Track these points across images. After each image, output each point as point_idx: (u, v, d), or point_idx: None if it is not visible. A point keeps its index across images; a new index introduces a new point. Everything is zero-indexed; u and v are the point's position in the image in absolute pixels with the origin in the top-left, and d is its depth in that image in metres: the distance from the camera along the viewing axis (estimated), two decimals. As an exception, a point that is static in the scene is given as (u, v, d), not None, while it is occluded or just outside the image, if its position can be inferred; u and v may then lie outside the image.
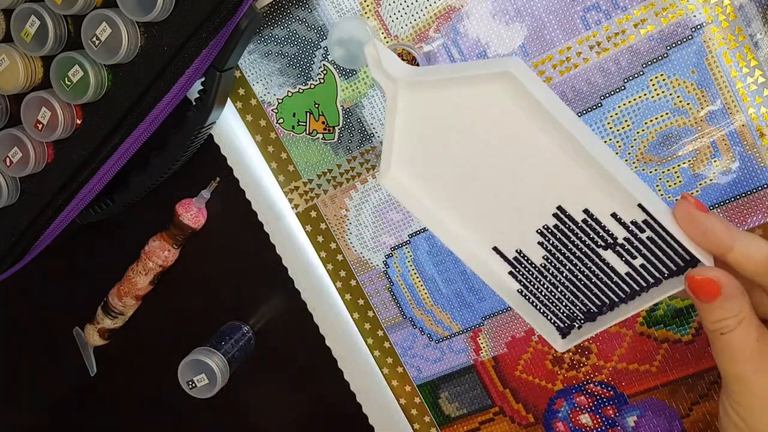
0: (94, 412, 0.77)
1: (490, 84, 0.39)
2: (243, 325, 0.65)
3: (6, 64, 0.55)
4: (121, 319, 0.68)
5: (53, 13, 0.53)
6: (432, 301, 0.60)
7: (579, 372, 0.58)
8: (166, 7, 0.51)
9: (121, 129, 0.56)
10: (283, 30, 0.56)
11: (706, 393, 0.56)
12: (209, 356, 0.60)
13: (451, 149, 0.42)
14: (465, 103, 0.41)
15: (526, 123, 0.39)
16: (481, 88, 0.40)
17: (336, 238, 0.61)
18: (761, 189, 0.51)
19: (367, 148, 0.57)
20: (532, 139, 0.39)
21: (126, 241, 0.65)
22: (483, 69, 0.39)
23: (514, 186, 0.41)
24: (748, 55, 0.49)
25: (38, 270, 0.71)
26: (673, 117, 0.51)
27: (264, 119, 0.59)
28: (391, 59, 0.42)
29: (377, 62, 0.42)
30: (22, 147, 0.57)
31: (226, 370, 0.61)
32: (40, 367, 0.77)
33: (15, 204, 0.60)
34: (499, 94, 0.39)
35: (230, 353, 0.62)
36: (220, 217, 0.63)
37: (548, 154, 0.39)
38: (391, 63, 0.42)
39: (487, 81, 0.39)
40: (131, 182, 0.60)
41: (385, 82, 0.43)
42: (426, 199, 0.44)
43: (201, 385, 0.61)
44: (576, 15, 0.50)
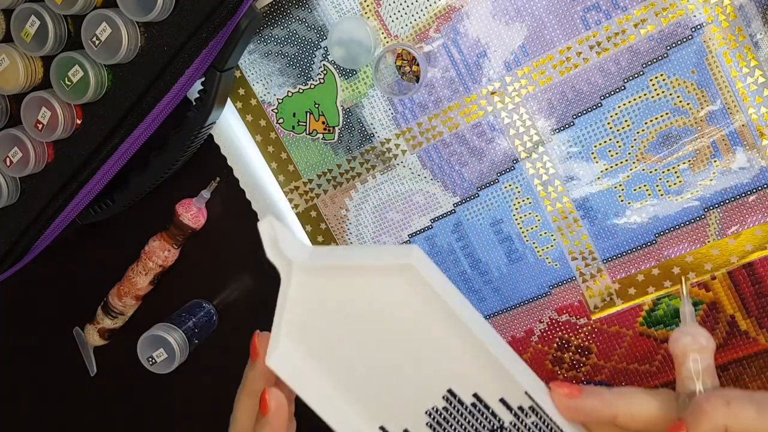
0: (94, 412, 0.77)
1: (390, 275, 0.39)
2: (205, 302, 0.66)
3: (6, 64, 0.55)
4: (121, 319, 0.68)
5: (53, 13, 0.53)
6: (432, 301, 0.60)
7: (579, 372, 0.58)
8: (166, 7, 0.51)
9: (121, 129, 0.56)
10: (283, 30, 0.56)
11: (706, 393, 0.56)
12: (168, 332, 0.61)
13: (346, 331, 0.41)
14: (362, 290, 0.40)
15: (423, 312, 0.39)
16: (379, 278, 0.39)
17: (336, 238, 0.61)
18: (761, 189, 0.51)
19: (367, 148, 0.57)
20: (429, 327, 0.39)
21: (126, 241, 0.65)
22: (383, 260, 0.39)
23: (406, 368, 0.41)
24: (748, 55, 0.49)
25: (38, 270, 0.71)
26: (673, 117, 0.51)
27: (264, 119, 0.59)
28: (288, 239, 0.41)
29: (273, 241, 0.41)
30: (22, 147, 0.57)
31: (186, 346, 0.62)
32: (40, 367, 0.77)
33: (15, 204, 0.60)
34: (398, 284, 0.39)
35: (191, 329, 0.63)
36: (220, 217, 0.63)
37: (443, 342, 0.40)
38: (287, 243, 0.41)
39: (386, 272, 0.39)
40: (131, 182, 0.60)
41: (280, 262, 0.42)
42: (317, 378, 0.42)
43: (160, 360, 0.61)
44: (576, 15, 0.50)
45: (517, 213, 0.56)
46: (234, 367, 0.69)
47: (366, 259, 0.40)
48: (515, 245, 0.57)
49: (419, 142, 0.56)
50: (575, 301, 0.56)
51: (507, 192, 0.56)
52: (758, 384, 0.54)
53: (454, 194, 0.57)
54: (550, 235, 0.56)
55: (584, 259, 0.55)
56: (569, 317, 0.57)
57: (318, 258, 0.41)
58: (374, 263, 0.39)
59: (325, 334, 0.42)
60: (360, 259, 0.40)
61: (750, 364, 0.54)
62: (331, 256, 0.41)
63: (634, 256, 0.54)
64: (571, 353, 0.58)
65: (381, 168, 0.58)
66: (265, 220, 0.42)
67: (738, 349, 0.54)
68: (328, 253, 0.41)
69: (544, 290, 0.57)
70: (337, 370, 0.42)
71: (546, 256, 0.56)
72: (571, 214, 0.55)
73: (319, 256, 0.41)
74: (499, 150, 0.55)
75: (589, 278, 0.56)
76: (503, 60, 0.52)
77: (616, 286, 0.55)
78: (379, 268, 0.39)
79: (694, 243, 0.53)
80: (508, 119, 0.54)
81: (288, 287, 0.43)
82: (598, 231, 0.54)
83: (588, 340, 0.57)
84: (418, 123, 0.56)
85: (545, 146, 0.54)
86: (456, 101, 0.54)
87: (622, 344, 0.57)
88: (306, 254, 0.42)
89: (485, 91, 0.54)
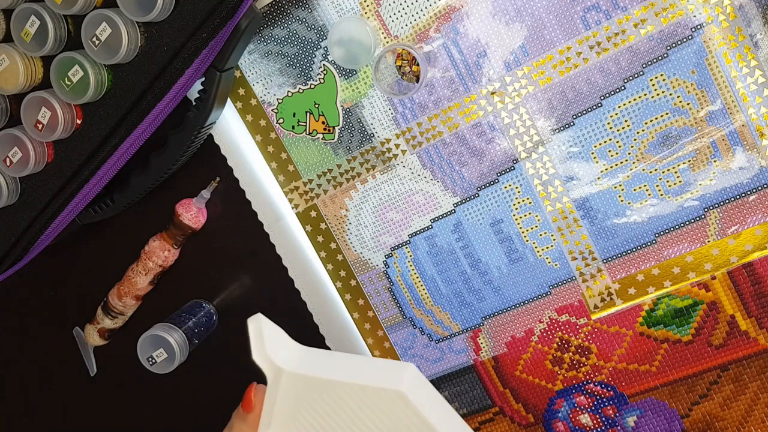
0: (94, 412, 0.77)
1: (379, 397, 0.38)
2: (205, 302, 0.66)
3: (6, 64, 0.55)
4: (121, 319, 0.68)
5: (53, 13, 0.53)
6: (432, 301, 0.60)
7: (579, 372, 0.58)
8: (166, 7, 0.51)
9: (121, 129, 0.56)
10: (283, 30, 0.56)
11: (706, 393, 0.56)
12: (168, 332, 0.61)
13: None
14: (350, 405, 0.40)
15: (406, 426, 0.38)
16: (369, 396, 0.38)
17: (336, 238, 0.61)
18: (761, 189, 0.51)
19: (367, 148, 0.57)
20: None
21: (126, 241, 0.65)
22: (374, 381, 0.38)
23: None
24: (748, 55, 0.49)
25: (38, 270, 0.71)
26: (673, 117, 0.51)
27: (264, 119, 0.59)
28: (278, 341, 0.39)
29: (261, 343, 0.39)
30: (22, 147, 0.57)
31: (186, 346, 0.62)
32: (40, 367, 0.77)
33: (15, 204, 0.60)
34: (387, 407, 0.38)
35: (191, 329, 0.63)
36: (220, 217, 0.63)
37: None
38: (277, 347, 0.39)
39: (376, 393, 0.38)
40: (131, 182, 0.60)
41: (268, 367, 0.40)
42: None
43: (160, 360, 0.61)
44: (576, 15, 0.50)
45: (517, 213, 0.56)
46: (233, 368, 0.69)
47: (357, 376, 0.39)
48: (515, 245, 0.57)
49: (419, 142, 0.56)
50: (575, 301, 0.56)
51: (507, 192, 0.56)
52: (758, 384, 0.54)
53: (454, 194, 0.57)
54: (550, 235, 0.56)
55: (584, 259, 0.55)
56: (569, 317, 0.57)
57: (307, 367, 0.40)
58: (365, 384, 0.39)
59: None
60: (351, 375, 0.39)
61: (750, 364, 0.54)
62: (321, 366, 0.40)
63: (634, 256, 0.54)
64: (571, 353, 0.58)
65: (381, 168, 0.58)
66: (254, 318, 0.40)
67: (738, 349, 0.54)
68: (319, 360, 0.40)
69: (544, 290, 0.57)
70: None
71: (546, 256, 0.56)
72: (571, 214, 0.55)
73: (309, 363, 0.40)
74: (499, 150, 0.55)
75: (589, 278, 0.56)
76: (503, 60, 0.52)
77: (616, 286, 0.55)
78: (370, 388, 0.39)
79: (694, 243, 0.53)
80: (508, 119, 0.54)
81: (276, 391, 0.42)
82: (598, 231, 0.54)
83: (588, 340, 0.57)
84: (418, 123, 0.56)
85: (545, 146, 0.54)
86: (456, 101, 0.54)
87: (622, 344, 0.57)
88: (296, 359, 0.40)
89: (485, 91, 0.54)
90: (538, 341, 0.58)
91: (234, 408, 0.67)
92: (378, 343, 0.62)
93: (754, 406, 0.55)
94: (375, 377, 0.38)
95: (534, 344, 0.59)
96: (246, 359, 0.69)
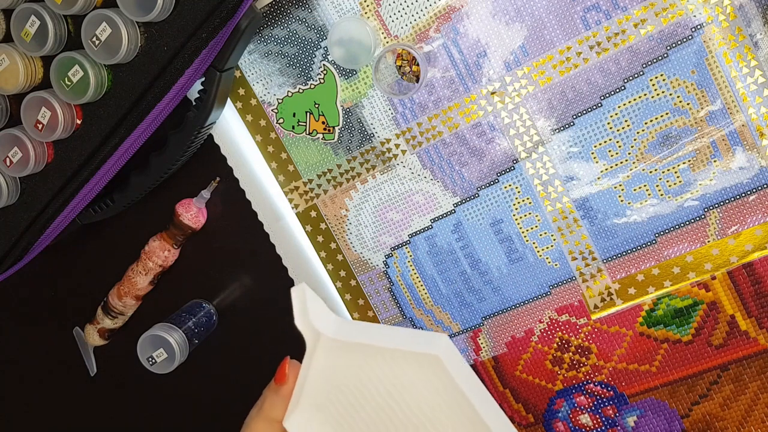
0: (94, 412, 0.77)
1: (414, 362, 0.40)
2: (205, 302, 0.66)
3: (6, 64, 0.55)
4: (121, 319, 0.68)
5: (53, 13, 0.53)
6: (432, 301, 0.60)
7: (579, 372, 0.58)
8: (166, 7, 0.51)
9: (121, 129, 0.56)
10: (283, 30, 0.56)
11: (706, 393, 0.56)
12: (168, 332, 0.61)
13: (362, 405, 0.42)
14: (384, 372, 0.41)
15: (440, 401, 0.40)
16: (404, 363, 0.40)
17: (336, 238, 0.61)
18: (761, 189, 0.51)
19: (367, 148, 0.57)
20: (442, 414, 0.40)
21: (126, 241, 0.65)
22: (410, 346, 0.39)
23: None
24: (748, 55, 0.49)
25: (38, 270, 0.71)
26: (673, 117, 0.51)
27: (264, 119, 0.59)
28: (319, 310, 0.41)
29: (303, 310, 0.41)
30: (22, 147, 0.57)
31: (186, 346, 0.62)
32: (40, 367, 0.77)
33: (15, 204, 0.60)
34: (421, 372, 0.40)
35: (191, 329, 0.63)
36: (220, 217, 0.63)
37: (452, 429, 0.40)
38: (318, 315, 0.41)
39: (411, 358, 0.40)
40: (131, 182, 0.60)
41: (308, 332, 0.42)
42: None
43: (160, 360, 0.61)
44: (576, 15, 0.50)
45: (517, 213, 0.56)
46: (234, 367, 0.69)
47: (393, 342, 0.40)
48: (515, 245, 0.57)
49: (419, 142, 0.56)
50: (575, 301, 0.56)
51: (507, 192, 0.56)
52: (758, 384, 0.54)
53: (454, 194, 0.57)
54: (550, 235, 0.56)
55: (584, 259, 0.55)
56: (569, 317, 0.57)
57: (345, 333, 0.42)
58: (401, 348, 0.40)
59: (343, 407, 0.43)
60: (387, 341, 0.40)
61: (750, 364, 0.54)
62: (359, 333, 0.41)
63: (634, 256, 0.54)
64: (571, 353, 0.58)
65: (381, 168, 0.58)
66: (299, 286, 0.42)
67: (738, 349, 0.54)
68: (356, 329, 0.42)
69: (544, 290, 0.57)
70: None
71: (546, 256, 0.56)
72: (571, 214, 0.55)
73: (346, 331, 0.42)
74: (499, 150, 0.55)
75: (589, 278, 0.56)
76: (503, 60, 0.52)
77: (616, 286, 0.55)
78: (405, 353, 0.40)
79: (694, 243, 0.53)
80: (508, 119, 0.54)
81: (312, 357, 0.43)
82: (598, 231, 0.54)
83: (588, 340, 0.57)
84: (418, 123, 0.56)
85: (545, 146, 0.54)
86: (456, 101, 0.54)
87: (622, 344, 0.57)
88: (334, 327, 0.42)
89: (485, 91, 0.54)
90: (538, 341, 0.58)
91: (234, 407, 0.67)
92: (378, 343, 0.62)
93: (754, 406, 0.55)
94: (411, 343, 0.39)
95: (534, 344, 0.59)
96: (245, 358, 0.69)
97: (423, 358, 0.40)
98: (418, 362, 0.40)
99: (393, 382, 0.41)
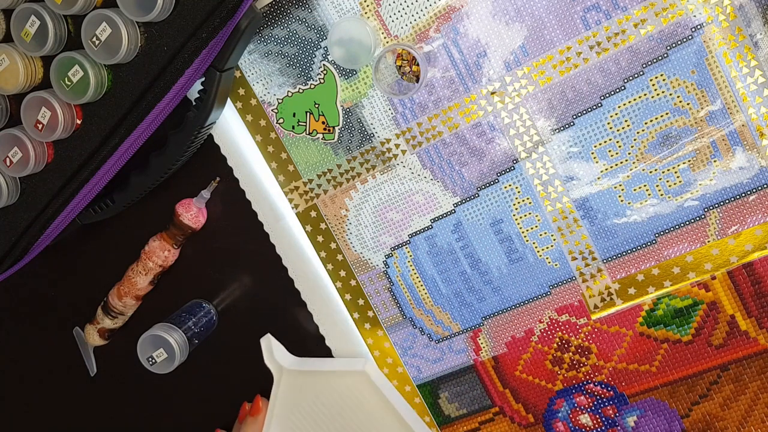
0: (94, 412, 0.77)
1: (349, 378, 0.59)
2: (205, 302, 0.66)
3: (6, 64, 0.55)
4: (121, 319, 0.68)
5: (53, 13, 0.53)
6: (432, 301, 0.60)
7: (579, 372, 0.58)
8: (166, 7, 0.51)
9: (121, 129, 0.56)
10: (283, 30, 0.56)
11: (706, 393, 0.56)
12: (168, 332, 0.61)
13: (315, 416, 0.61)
14: (329, 387, 0.60)
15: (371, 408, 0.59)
16: (343, 380, 0.59)
17: (336, 238, 0.61)
18: (761, 189, 0.51)
19: (367, 148, 0.57)
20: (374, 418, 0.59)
21: (126, 241, 0.65)
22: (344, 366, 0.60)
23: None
24: (748, 55, 0.49)
25: (38, 270, 0.71)
26: (673, 117, 0.51)
27: (264, 119, 0.59)
28: (281, 352, 0.62)
29: (270, 351, 0.62)
30: (22, 147, 0.57)
31: (186, 346, 0.62)
32: (40, 367, 0.77)
33: (15, 204, 0.60)
34: (354, 386, 0.59)
35: (191, 329, 0.63)
36: (220, 217, 0.63)
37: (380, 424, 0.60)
38: (280, 355, 0.62)
39: (348, 376, 0.59)
40: (131, 182, 0.60)
41: (274, 367, 0.62)
42: None
43: (160, 360, 0.61)
44: (576, 15, 0.50)
45: (517, 213, 0.56)
46: (234, 367, 0.69)
47: (334, 366, 0.60)
48: (515, 245, 0.57)
49: (419, 142, 0.56)
50: (575, 301, 0.56)
51: (507, 192, 0.56)
52: (758, 384, 0.54)
53: (454, 194, 0.57)
54: (550, 235, 0.56)
55: (584, 259, 0.55)
56: (569, 317, 0.57)
57: (301, 365, 0.61)
58: (337, 369, 0.60)
59: (303, 421, 0.62)
60: (330, 366, 0.60)
61: (750, 364, 0.54)
62: (310, 363, 0.61)
63: (634, 256, 0.54)
64: (571, 353, 0.58)
65: (381, 168, 0.58)
66: (265, 336, 0.63)
67: (738, 349, 0.54)
68: (308, 361, 0.61)
69: (544, 290, 0.57)
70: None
71: (546, 256, 0.56)
72: (571, 214, 0.55)
73: (301, 363, 0.61)
74: (499, 150, 0.55)
75: (589, 278, 0.56)
76: (503, 60, 0.52)
77: (616, 286, 0.55)
78: (344, 372, 0.60)
79: (694, 243, 0.53)
80: (508, 119, 0.54)
81: (279, 387, 0.62)
82: (598, 231, 0.54)
83: (588, 340, 0.57)
84: (418, 123, 0.56)
85: (545, 146, 0.54)
86: (456, 101, 0.54)
87: (622, 344, 0.57)
88: (293, 362, 0.62)
89: (485, 91, 0.54)
90: (538, 341, 0.58)
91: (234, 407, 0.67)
92: (378, 343, 0.62)
93: (754, 406, 0.55)
94: (346, 365, 0.60)
95: (534, 344, 0.59)
96: (245, 358, 0.69)
97: (356, 374, 0.59)
98: (353, 378, 0.59)
99: (336, 396, 0.60)
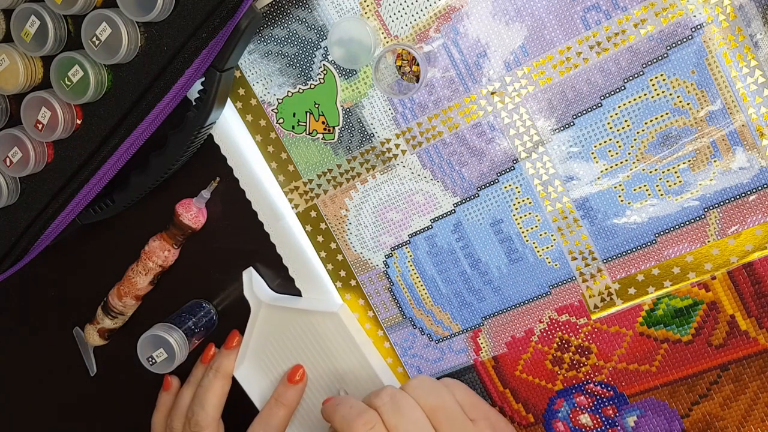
0: (94, 412, 0.77)
1: (321, 317, 0.60)
2: (205, 302, 0.66)
3: (6, 64, 0.55)
4: (121, 319, 0.68)
5: (53, 13, 0.53)
6: (432, 301, 0.60)
7: (579, 372, 0.58)
8: (166, 7, 0.51)
9: (121, 129, 0.56)
10: (283, 30, 0.56)
11: (706, 393, 0.56)
12: (168, 332, 0.61)
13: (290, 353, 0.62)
14: (303, 326, 0.60)
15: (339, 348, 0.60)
16: (316, 318, 0.60)
17: (336, 238, 0.61)
18: (761, 189, 0.51)
19: (367, 148, 0.57)
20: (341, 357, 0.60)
21: (126, 241, 0.65)
22: (319, 307, 0.60)
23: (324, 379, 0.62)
24: (748, 55, 0.49)
25: (38, 270, 0.71)
26: (673, 117, 0.51)
27: (264, 119, 0.59)
28: (261, 286, 0.62)
29: (250, 285, 0.62)
30: (22, 147, 0.57)
31: (186, 346, 0.62)
32: (40, 367, 0.77)
33: (15, 204, 0.60)
34: (326, 325, 0.60)
35: (191, 329, 0.63)
36: (220, 217, 0.63)
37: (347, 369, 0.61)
38: (260, 290, 0.62)
39: (320, 315, 0.60)
40: (131, 182, 0.60)
41: (253, 300, 0.62)
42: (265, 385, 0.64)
43: (160, 360, 0.62)
44: (576, 15, 0.50)
45: (517, 213, 0.56)
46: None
47: (311, 305, 0.60)
48: (515, 245, 0.57)
49: (419, 142, 0.56)
50: (575, 301, 0.56)
51: (507, 192, 0.56)
52: (758, 384, 0.54)
53: (454, 194, 0.57)
54: (550, 235, 0.56)
55: (584, 259, 0.55)
56: (569, 317, 0.57)
57: (279, 301, 0.61)
58: (316, 309, 0.60)
59: (277, 354, 0.62)
60: (307, 305, 0.60)
61: (750, 364, 0.54)
62: (288, 300, 0.61)
63: (634, 256, 0.54)
64: (571, 353, 0.58)
65: (381, 168, 0.58)
66: (248, 270, 0.63)
67: (738, 349, 0.54)
68: (286, 298, 0.62)
69: (544, 290, 0.57)
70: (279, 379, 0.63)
71: (546, 256, 0.56)
72: (571, 214, 0.55)
73: (279, 299, 0.61)
74: (499, 150, 0.55)
75: (589, 278, 0.56)
76: (503, 60, 0.52)
77: (616, 286, 0.55)
78: (318, 312, 0.60)
79: (694, 243, 0.53)
80: (508, 119, 0.54)
81: (256, 319, 0.62)
82: (598, 231, 0.55)
83: (588, 340, 0.57)
84: (418, 123, 0.56)
85: (545, 146, 0.54)
86: (456, 101, 0.54)
87: (622, 344, 0.57)
88: (272, 297, 0.62)
89: (485, 91, 0.54)
90: (538, 341, 0.58)
91: (233, 407, 0.67)
92: (378, 343, 0.62)
93: (754, 406, 0.55)
94: (322, 305, 0.61)
95: (534, 344, 0.59)
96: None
97: (328, 315, 0.59)
98: (324, 318, 0.60)
99: (308, 333, 0.60)
